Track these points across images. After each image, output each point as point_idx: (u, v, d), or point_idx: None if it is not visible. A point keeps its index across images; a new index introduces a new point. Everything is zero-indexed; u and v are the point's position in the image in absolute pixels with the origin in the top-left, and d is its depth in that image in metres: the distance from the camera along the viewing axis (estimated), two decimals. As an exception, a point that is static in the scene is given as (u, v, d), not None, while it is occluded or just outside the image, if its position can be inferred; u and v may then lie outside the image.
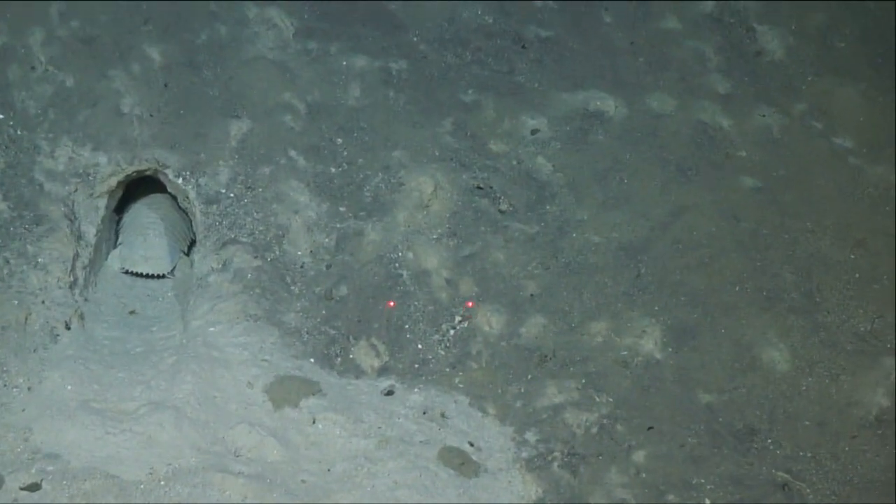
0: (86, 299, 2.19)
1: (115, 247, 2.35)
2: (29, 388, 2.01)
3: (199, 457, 1.88)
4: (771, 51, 2.52)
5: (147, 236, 2.32)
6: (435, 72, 2.39)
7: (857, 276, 2.25)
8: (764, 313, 2.15)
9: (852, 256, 2.26)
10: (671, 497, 1.91)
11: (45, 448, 1.93)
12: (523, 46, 2.48)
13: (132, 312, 2.26)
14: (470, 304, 2.21)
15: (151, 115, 2.27)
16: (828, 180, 2.36)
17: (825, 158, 2.39)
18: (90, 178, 2.24)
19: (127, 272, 2.33)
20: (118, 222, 2.39)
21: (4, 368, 2.03)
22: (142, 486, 1.83)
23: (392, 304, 2.19)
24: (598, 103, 2.41)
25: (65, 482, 1.82)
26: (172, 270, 2.34)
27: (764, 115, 2.41)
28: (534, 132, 2.38)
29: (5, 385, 2.01)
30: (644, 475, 1.95)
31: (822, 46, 2.54)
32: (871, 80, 2.51)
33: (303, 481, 1.89)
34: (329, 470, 1.92)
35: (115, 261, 2.32)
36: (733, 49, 2.49)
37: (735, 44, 2.50)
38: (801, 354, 2.13)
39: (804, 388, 2.09)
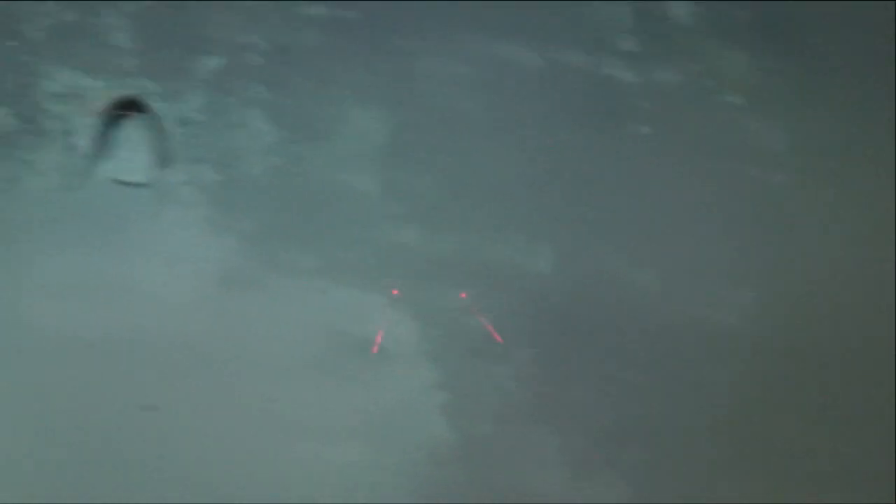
0: (75, 200, 2.61)
1: (105, 158, 2.75)
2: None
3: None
4: (677, 16, 2.82)
5: (132, 150, 2.64)
6: (384, 23, 2.74)
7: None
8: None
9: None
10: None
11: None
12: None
13: None
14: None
15: (138, 49, 2.64)
16: (713, 131, 2.72)
17: (713, 112, 2.74)
18: (84, 99, 2.59)
19: (114, 180, 2.73)
20: (108, 137, 2.78)
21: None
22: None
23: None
24: (522, 56, 2.75)
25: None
26: (151, 181, 2.74)
27: (665, 73, 2.75)
28: (459, 77, 2.73)
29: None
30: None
31: (724, 16, 2.85)
32: (763, 47, 2.83)
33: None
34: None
35: (104, 170, 2.70)
36: (645, 14, 2.80)
37: (648, 9, 2.80)
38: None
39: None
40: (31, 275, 2.48)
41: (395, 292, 2.55)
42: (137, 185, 2.67)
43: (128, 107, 2.65)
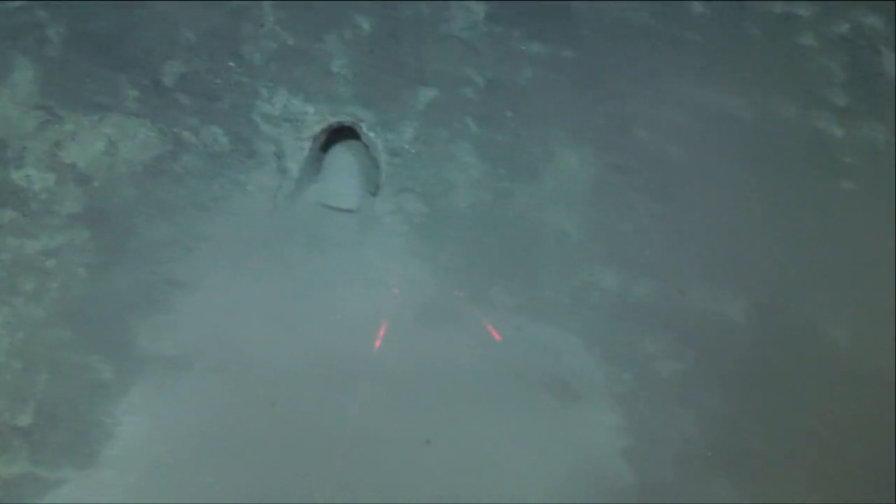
0: (282, 223, 2.60)
1: (314, 182, 2.74)
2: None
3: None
4: (889, 73, 2.74)
5: (342, 176, 2.70)
6: (598, 62, 2.70)
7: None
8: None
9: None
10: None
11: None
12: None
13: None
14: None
15: (355, 76, 2.64)
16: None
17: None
18: (299, 123, 2.62)
19: (322, 205, 2.71)
20: (320, 162, 2.78)
21: (209, 272, 2.51)
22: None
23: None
24: (732, 104, 2.69)
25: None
26: (358, 207, 2.72)
27: (872, 130, 2.66)
28: (673, 124, 2.67)
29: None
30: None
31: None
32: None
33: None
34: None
35: (312, 194, 2.71)
36: (857, 68, 2.72)
37: (860, 64, 2.72)
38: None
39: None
40: (237, 296, 2.47)
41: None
42: (345, 210, 2.66)
43: (341, 133, 2.64)
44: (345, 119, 2.60)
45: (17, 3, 2.58)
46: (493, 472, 2.40)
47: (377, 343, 2.50)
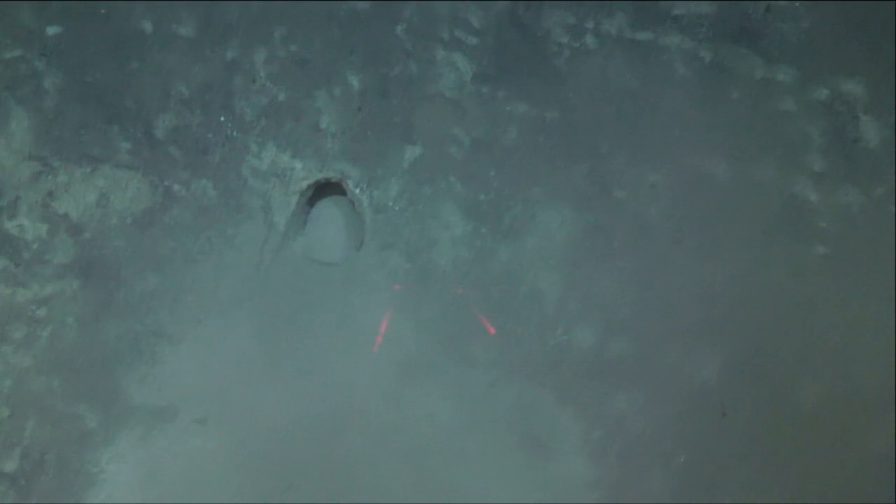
0: (268, 276, 2.66)
1: (300, 235, 2.80)
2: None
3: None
4: (867, 139, 2.79)
5: (327, 230, 2.73)
6: (581, 123, 2.76)
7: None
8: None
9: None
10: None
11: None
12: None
13: None
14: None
15: (343, 133, 2.70)
16: (891, 257, 2.68)
17: (892, 237, 2.69)
18: (286, 178, 2.68)
19: (308, 258, 2.76)
20: (306, 215, 2.84)
21: (200, 320, 2.57)
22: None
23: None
24: (710, 166, 2.74)
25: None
26: (343, 261, 2.78)
27: (847, 195, 2.72)
28: (652, 185, 2.74)
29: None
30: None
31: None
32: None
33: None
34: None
35: (298, 247, 2.76)
36: (836, 133, 2.77)
37: (839, 129, 2.78)
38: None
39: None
40: (222, 348, 2.53)
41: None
42: (329, 264, 2.72)
43: (328, 187, 2.70)
44: (331, 175, 2.66)
45: (16, 53, 2.64)
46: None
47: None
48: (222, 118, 2.66)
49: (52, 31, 2.66)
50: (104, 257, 2.56)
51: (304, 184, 2.66)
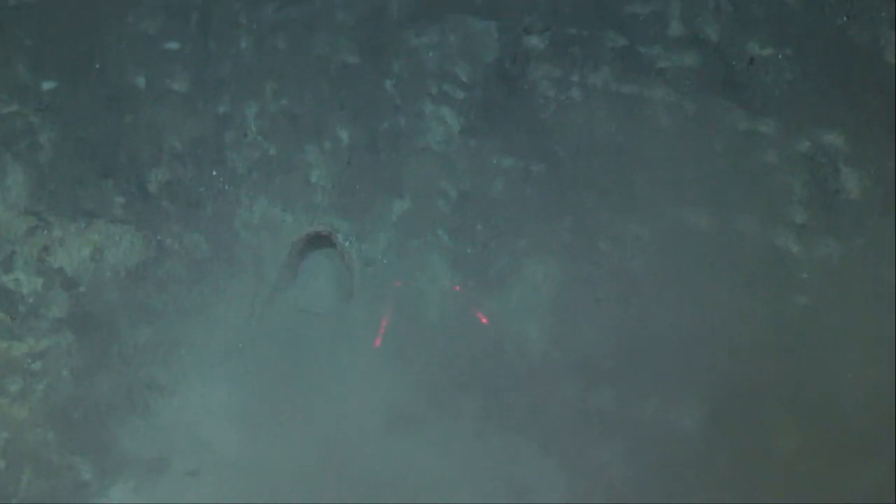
0: (259, 328, 2.72)
1: (291, 287, 2.84)
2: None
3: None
4: (848, 190, 2.84)
5: (317, 282, 2.76)
6: (567, 175, 2.81)
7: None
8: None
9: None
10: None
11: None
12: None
13: None
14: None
15: (333, 187, 2.75)
16: (871, 307, 2.73)
17: (872, 288, 2.75)
18: (277, 231, 2.72)
19: (298, 309, 2.82)
20: (297, 267, 2.87)
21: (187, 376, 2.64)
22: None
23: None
24: (693, 218, 2.79)
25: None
26: (332, 312, 2.83)
27: (828, 246, 2.77)
28: (636, 237, 2.78)
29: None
30: None
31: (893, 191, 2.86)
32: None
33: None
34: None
35: (289, 299, 2.78)
36: (817, 185, 2.81)
37: (820, 181, 2.82)
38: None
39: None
40: (214, 400, 2.59)
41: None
42: (318, 314, 2.77)
43: (318, 240, 2.76)
44: (321, 229, 2.71)
45: (12, 108, 2.69)
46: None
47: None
48: (214, 172, 2.72)
49: (47, 86, 2.71)
50: (98, 311, 2.62)
51: (295, 237, 2.72)
